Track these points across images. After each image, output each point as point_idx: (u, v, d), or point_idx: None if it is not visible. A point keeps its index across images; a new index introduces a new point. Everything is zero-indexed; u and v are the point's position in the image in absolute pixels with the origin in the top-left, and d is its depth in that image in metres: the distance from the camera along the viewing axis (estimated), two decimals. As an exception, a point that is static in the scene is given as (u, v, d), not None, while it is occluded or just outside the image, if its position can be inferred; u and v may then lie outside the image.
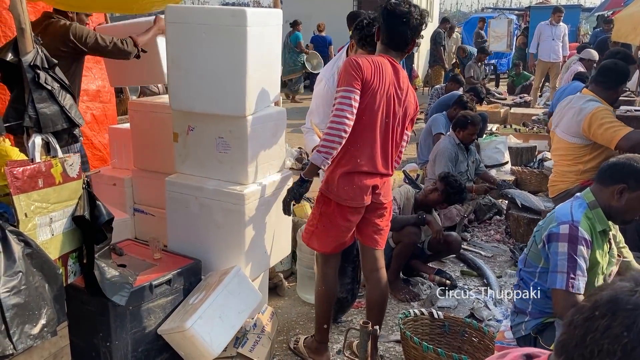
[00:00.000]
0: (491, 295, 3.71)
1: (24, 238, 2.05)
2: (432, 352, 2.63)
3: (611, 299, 0.90)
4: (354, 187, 2.69)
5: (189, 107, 2.95)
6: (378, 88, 2.59)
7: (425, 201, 3.88)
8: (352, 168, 2.67)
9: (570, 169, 3.88)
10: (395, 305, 3.64)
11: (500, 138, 6.43)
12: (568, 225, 2.35)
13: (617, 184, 2.33)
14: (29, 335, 2.03)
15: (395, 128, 2.72)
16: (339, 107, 2.52)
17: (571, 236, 2.32)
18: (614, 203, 2.36)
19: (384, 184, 2.82)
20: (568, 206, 2.45)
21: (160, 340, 2.70)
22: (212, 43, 2.78)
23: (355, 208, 2.74)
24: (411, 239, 3.74)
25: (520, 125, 8.03)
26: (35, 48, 2.19)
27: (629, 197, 2.32)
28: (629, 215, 2.40)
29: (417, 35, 2.72)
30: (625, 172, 2.32)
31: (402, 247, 3.76)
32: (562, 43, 10.25)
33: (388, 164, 2.78)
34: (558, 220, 2.40)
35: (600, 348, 0.88)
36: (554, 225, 2.39)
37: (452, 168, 4.80)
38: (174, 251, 3.06)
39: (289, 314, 3.45)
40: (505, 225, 5.03)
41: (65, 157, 2.30)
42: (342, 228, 2.78)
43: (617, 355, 0.86)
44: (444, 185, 3.84)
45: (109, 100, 4.97)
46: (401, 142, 2.84)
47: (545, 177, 5.30)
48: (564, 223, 2.36)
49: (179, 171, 3.13)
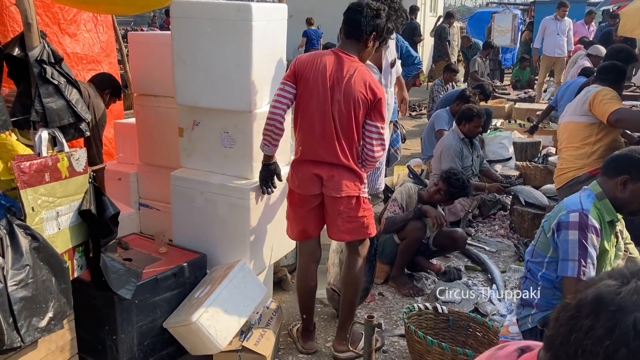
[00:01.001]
0: (495, 290, 3.71)
1: (31, 232, 2.07)
2: (437, 346, 2.64)
3: (595, 299, 0.88)
4: (299, 174, 2.82)
5: (194, 102, 2.96)
6: (311, 77, 2.71)
7: (431, 202, 3.85)
8: (298, 156, 2.84)
9: (577, 152, 3.87)
10: (400, 300, 3.65)
11: (505, 133, 6.41)
12: (578, 214, 2.36)
13: (620, 176, 2.36)
14: (37, 328, 2.05)
15: (335, 115, 2.71)
16: (274, 98, 2.76)
17: (581, 224, 2.34)
18: (618, 194, 2.38)
19: (335, 175, 2.77)
20: (577, 196, 2.48)
21: (165, 334, 2.72)
22: (217, 38, 2.79)
23: (304, 196, 2.84)
24: (416, 235, 3.74)
25: (524, 121, 8.00)
26: (41, 43, 2.20)
27: (632, 188, 2.34)
28: (634, 206, 2.41)
29: (377, 28, 2.73)
30: (627, 164, 2.36)
31: (408, 243, 3.75)
32: (566, 38, 10.20)
33: (336, 153, 2.74)
34: (568, 208, 2.42)
35: (583, 348, 0.86)
36: (563, 214, 2.41)
37: (458, 164, 4.79)
38: (180, 245, 3.08)
39: (294, 308, 3.45)
40: (509, 221, 5.03)
41: (72, 152, 2.32)
42: (298, 215, 2.92)
43: (600, 356, 0.85)
44: (446, 186, 3.81)
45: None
46: (359, 130, 2.76)
47: (550, 172, 5.29)
48: (573, 211, 2.38)
49: (184, 166, 3.14)
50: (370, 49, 2.81)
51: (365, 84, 2.71)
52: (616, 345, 0.83)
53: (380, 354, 3.00)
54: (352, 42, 2.77)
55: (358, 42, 2.76)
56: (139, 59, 3.73)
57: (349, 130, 2.74)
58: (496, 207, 5.31)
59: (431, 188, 3.92)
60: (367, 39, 2.75)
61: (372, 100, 2.72)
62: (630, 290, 0.86)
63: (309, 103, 2.73)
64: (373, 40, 2.77)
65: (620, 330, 0.83)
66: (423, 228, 3.79)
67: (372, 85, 2.73)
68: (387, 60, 3.71)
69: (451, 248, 4.13)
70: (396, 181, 5.57)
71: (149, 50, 3.60)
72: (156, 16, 18.55)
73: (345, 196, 2.79)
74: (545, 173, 5.69)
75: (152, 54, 3.54)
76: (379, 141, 2.78)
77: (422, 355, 2.74)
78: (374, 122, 2.76)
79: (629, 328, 0.83)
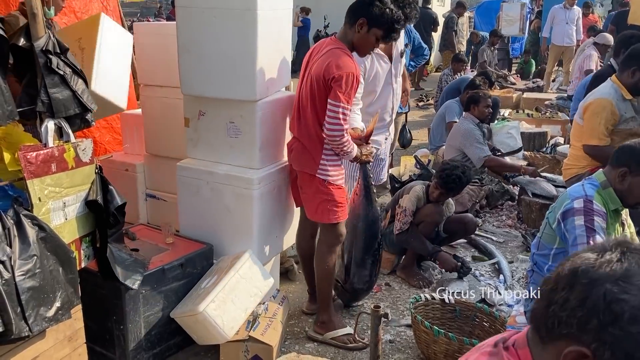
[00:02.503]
0: (502, 281, 3.70)
1: (38, 222, 2.07)
2: (443, 336, 2.63)
3: (570, 272, 0.91)
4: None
5: (200, 92, 2.95)
6: (304, 64, 2.92)
7: (435, 199, 3.80)
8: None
9: (580, 154, 3.84)
10: (407, 290, 3.64)
11: (513, 123, 6.37)
12: (582, 199, 2.36)
13: (620, 167, 2.36)
14: (44, 317, 2.05)
15: (302, 93, 2.85)
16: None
17: (586, 209, 2.34)
18: (618, 186, 2.39)
19: (295, 148, 2.93)
20: (579, 185, 2.48)
21: (173, 324, 2.73)
22: (222, 27, 2.78)
23: (290, 164, 3.04)
24: (433, 218, 3.71)
25: (532, 110, 7.94)
26: (47, 33, 2.19)
27: (631, 180, 2.35)
28: (632, 200, 2.41)
29: (368, 15, 2.71)
30: (628, 156, 2.36)
31: (424, 226, 3.70)
32: (575, 27, 10.10)
33: (298, 128, 2.90)
34: (571, 197, 2.42)
35: (560, 320, 0.89)
36: (567, 203, 2.41)
37: (485, 146, 4.79)
38: (186, 236, 3.09)
39: (300, 298, 3.46)
40: (517, 211, 5.00)
41: (78, 142, 2.32)
42: (291, 183, 3.11)
43: (574, 327, 0.87)
44: (439, 185, 3.71)
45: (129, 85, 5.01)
46: (316, 109, 2.77)
47: (558, 162, 5.25)
48: (577, 198, 2.38)
49: (190, 156, 3.14)
50: (361, 35, 2.75)
51: (325, 63, 2.69)
52: (588, 316, 0.85)
53: (387, 343, 3.00)
54: (345, 27, 2.81)
55: (349, 28, 2.77)
56: (145, 50, 3.73)
57: (307, 108, 2.80)
58: (504, 198, 5.28)
59: (432, 187, 3.84)
60: (355, 24, 2.74)
61: (327, 79, 2.67)
62: (604, 262, 0.88)
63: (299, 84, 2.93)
64: (362, 27, 2.73)
65: (591, 301, 0.85)
66: (441, 211, 3.75)
67: (331, 64, 2.66)
68: (397, 50, 3.69)
69: (462, 233, 4.10)
70: (403, 171, 5.56)
71: (155, 41, 3.59)
72: (162, 7, 18.52)
73: (300, 171, 2.92)
74: (553, 163, 5.66)
75: (157, 44, 3.54)
76: (333, 120, 2.69)
77: (428, 345, 2.74)
78: (330, 100, 2.69)
79: (600, 300, 0.85)
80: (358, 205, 3.12)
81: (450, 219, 3.98)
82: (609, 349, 0.84)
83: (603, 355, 0.85)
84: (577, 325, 0.87)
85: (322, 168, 2.83)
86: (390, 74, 3.66)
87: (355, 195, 3.13)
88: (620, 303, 0.84)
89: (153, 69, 3.67)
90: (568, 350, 0.88)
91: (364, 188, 3.10)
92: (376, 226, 3.14)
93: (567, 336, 0.88)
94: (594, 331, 0.85)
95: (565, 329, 0.88)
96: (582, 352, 0.86)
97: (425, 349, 2.80)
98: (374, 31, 2.74)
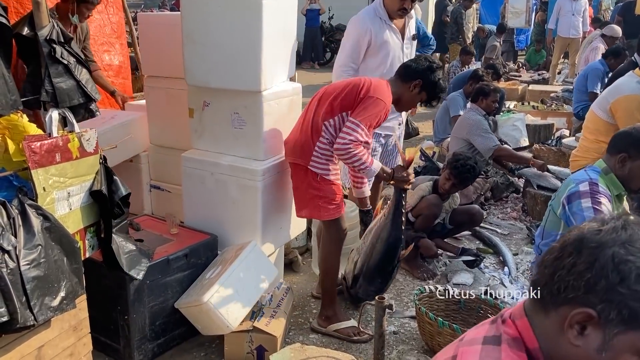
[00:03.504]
0: (507, 273, 3.69)
1: (43, 212, 2.07)
2: (448, 327, 2.63)
3: (577, 239, 0.94)
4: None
5: (204, 83, 2.94)
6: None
7: (445, 191, 3.78)
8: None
9: (592, 146, 3.80)
10: (411, 281, 3.64)
11: (518, 115, 6.33)
12: (587, 182, 2.38)
13: (620, 153, 2.38)
14: (49, 307, 2.06)
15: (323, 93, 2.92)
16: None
17: (592, 191, 2.36)
18: (618, 172, 2.40)
19: (288, 140, 2.96)
20: (583, 171, 2.52)
21: (177, 314, 2.73)
22: (227, 17, 2.76)
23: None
24: (432, 211, 3.69)
25: (538, 102, 7.90)
26: (50, 22, 2.18)
27: (631, 165, 2.37)
28: (634, 184, 2.43)
29: (429, 89, 2.92)
30: (627, 141, 2.39)
31: (423, 220, 3.69)
32: (582, 18, 10.01)
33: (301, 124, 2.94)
34: (576, 181, 2.44)
35: (566, 285, 0.92)
36: (572, 187, 2.42)
37: (493, 134, 4.77)
38: (191, 226, 3.09)
39: (304, 289, 3.46)
40: (522, 203, 4.98)
41: (82, 132, 2.31)
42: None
43: (581, 290, 0.91)
44: (452, 175, 3.68)
45: (127, 77, 5.01)
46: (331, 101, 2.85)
47: (563, 155, 5.22)
48: (582, 182, 2.39)
49: (195, 147, 3.13)
50: (412, 94, 2.92)
51: (368, 81, 2.82)
52: (596, 278, 0.89)
53: (391, 335, 3.00)
54: (396, 80, 2.96)
55: (401, 83, 2.93)
56: (149, 40, 3.71)
57: (321, 104, 2.85)
58: (509, 190, 5.26)
59: (442, 178, 3.82)
60: (410, 82, 2.91)
61: (360, 91, 2.77)
62: (609, 229, 0.93)
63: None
64: (416, 87, 2.91)
65: (599, 264, 0.90)
66: (439, 203, 3.71)
67: (373, 85, 2.77)
68: (409, 30, 3.65)
69: (469, 224, 4.08)
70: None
71: (159, 31, 3.58)
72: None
73: (293, 163, 2.88)
74: (558, 155, 5.62)
75: (161, 35, 3.52)
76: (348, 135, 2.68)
77: (432, 336, 2.74)
78: (352, 118, 2.74)
79: (608, 261, 0.89)
80: (382, 226, 2.99)
81: (456, 211, 3.96)
82: (615, 308, 0.88)
83: (609, 315, 0.89)
84: (585, 287, 0.90)
85: (315, 160, 2.79)
86: (402, 52, 3.60)
87: (383, 216, 3.01)
88: (628, 264, 0.88)
89: (157, 60, 3.65)
90: (574, 312, 0.91)
91: (393, 212, 2.94)
92: (395, 252, 3.00)
93: (572, 300, 0.92)
94: (601, 292, 0.89)
95: (571, 292, 0.91)
96: (589, 314, 0.90)
97: (429, 341, 2.80)
98: (423, 95, 2.91)
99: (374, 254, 3.01)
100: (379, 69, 3.48)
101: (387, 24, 3.48)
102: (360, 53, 3.47)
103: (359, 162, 2.67)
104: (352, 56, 3.48)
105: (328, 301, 3.02)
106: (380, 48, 3.47)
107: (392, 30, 3.50)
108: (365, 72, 3.49)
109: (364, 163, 2.68)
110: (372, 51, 3.47)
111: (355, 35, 3.47)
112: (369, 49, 3.47)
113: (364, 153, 2.69)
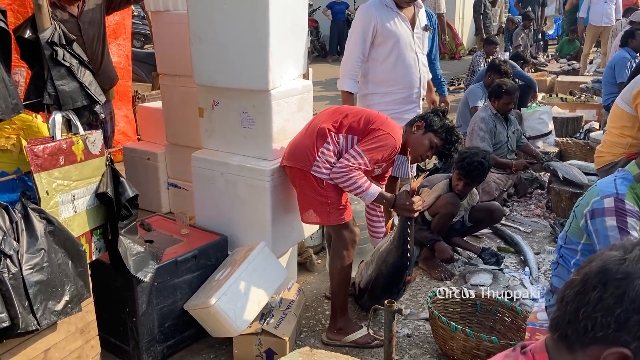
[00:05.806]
0: (528, 273, 3.57)
1: (46, 216, 2.06)
2: (461, 332, 2.55)
3: (600, 270, 0.86)
4: None
5: (212, 82, 2.90)
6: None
7: (460, 192, 3.68)
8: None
9: (618, 140, 3.66)
10: (428, 282, 3.55)
11: (544, 108, 6.15)
12: (612, 198, 2.20)
13: None
14: (53, 311, 2.05)
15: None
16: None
17: (618, 209, 2.18)
18: None
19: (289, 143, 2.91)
20: (611, 179, 2.31)
21: (186, 316, 2.72)
22: (234, 14, 2.71)
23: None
24: (449, 209, 3.59)
25: (567, 94, 7.66)
26: (52, 24, 2.17)
27: None
28: None
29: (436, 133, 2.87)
30: None
31: (440, 219, 3.60)
32: (615, 6, 9.66)
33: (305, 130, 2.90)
34: (601, 193, 2.25)
35: (593, 322, 0.84)
36: (596, 200, 2.25)
37: (490, 140, 4.61)
38: (202, 226, 3.07)
39: (318, 289, 3.42)
40: (546, 200, 4.83)
41: (87, 135, 2.30)
42: None
43: (612, 327, 0.82)
44: (462, 175, 3.58)
45: (122, 77, 4.99)
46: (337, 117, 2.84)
47: (591, 149, 5.04)
48: (607, 196, 2.22)
49: (205, 147, 3.11)
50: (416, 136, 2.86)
51: (383, 115, 2.83)
52: (627, 313, 0.81)
53: (405, 338, 2.93)
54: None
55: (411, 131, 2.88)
56: (163, 39, 3.71)
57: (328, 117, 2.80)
58: (533, 186, 5.10)
59: (454, 179, 3.71)
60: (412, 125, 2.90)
61: (370, 123, 2.74)
62: (635, 257, 0.84)
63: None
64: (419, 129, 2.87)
65: (629, 297, 0.81)
66: (456, 202, 3.61)
67: (384, 121, 2.75)
68: (419, 20, 3.55)
69: (489, 221, 3.96)
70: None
71: (172, 30, 3.57)
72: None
73: (293, 167, 2.77)
74: (586, 149, 5.44)
75: (174, 33, 3.51)
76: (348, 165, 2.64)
77: (446, 341, 2.66)
78: (357, 147, 2.71)
79: (639, 294, 0.81)
80: (389, 251, 2.87)
81: (475, 208, 3.86)
82: None
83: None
84: (615, 324, 0.82)
85: (317, 166, 2.69)
86: (413, 41, 3.49)
87: (389, 242, 2.90)
88: None
89: (172, 58, 3.65)
90: (607, 353, 0.82)
91: (398, 239, 2.81)
92: (400, 276, 2.88)
93: (602, 339, 0.83)
94: (635, 328, 0.81)
95: (600, 330, 0.83)
96: (623, 354, 0.81)
97: (442, 345, 2.72)
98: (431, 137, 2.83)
99: (379, 277, 2.92)
100: (389, 58, 3.42)
101: (395, 11, 3.40)
102: (366, 42, 3.40)
103: (354, 185, 2.62)
104: (359, 45, 3.42)
105: (340, 313, 2.88)
106: (388, 36, 3.39)
107: (400, 19, 3.42)
108: (375, 62, 3.42)
109: (360, 187, 2.62)
110: (379, 40, 3.40)
111: (360, 24, 3.41)
112: (376, 37, 3.40)
113: (361, 177, 2.63)
